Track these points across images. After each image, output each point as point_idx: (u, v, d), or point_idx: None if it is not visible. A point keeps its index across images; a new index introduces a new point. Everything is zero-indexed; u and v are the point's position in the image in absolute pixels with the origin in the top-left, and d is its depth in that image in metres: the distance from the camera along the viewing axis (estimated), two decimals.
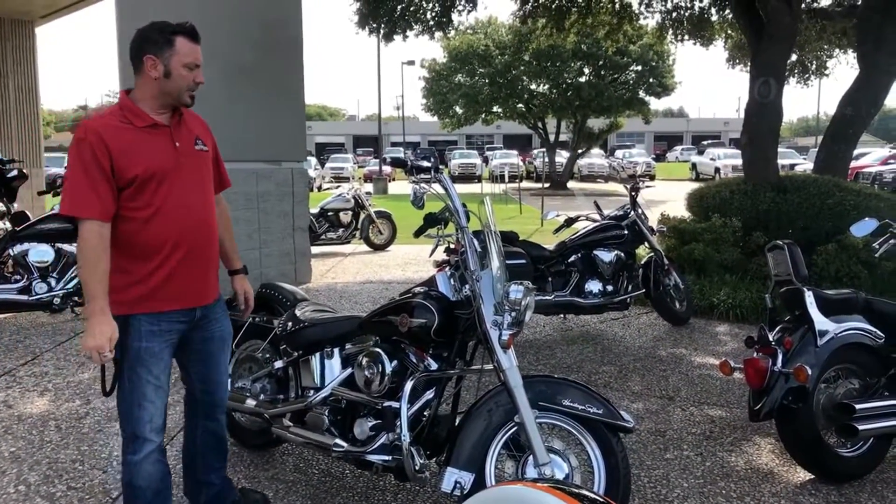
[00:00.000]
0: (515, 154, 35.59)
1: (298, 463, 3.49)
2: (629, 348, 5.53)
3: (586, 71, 26.25)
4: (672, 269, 6.07)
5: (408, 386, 2.73)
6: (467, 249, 2.71)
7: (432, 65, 29.50)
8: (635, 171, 31.59)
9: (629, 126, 35.42)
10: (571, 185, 28.12)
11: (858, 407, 3.19)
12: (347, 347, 3.12)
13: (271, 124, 7.36)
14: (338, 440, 2.88)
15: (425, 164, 2.89)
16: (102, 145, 2.28)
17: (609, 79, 26.31)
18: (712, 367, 4.97)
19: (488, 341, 2.62)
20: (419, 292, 2.85)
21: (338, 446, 2.86)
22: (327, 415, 3.02)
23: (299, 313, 3.27)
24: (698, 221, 7.46)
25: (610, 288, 5.71)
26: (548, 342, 5.72)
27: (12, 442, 3.71)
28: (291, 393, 3.27)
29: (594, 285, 5.67)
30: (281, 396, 3.31)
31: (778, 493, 3.21)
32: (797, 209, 6.91)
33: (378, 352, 2.87)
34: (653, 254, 6.04)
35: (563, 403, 2.61)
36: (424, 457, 2.74)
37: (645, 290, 5.91)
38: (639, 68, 26.27)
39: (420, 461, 2.69)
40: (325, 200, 10.66)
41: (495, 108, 28.83)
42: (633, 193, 6.17)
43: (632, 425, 2.64)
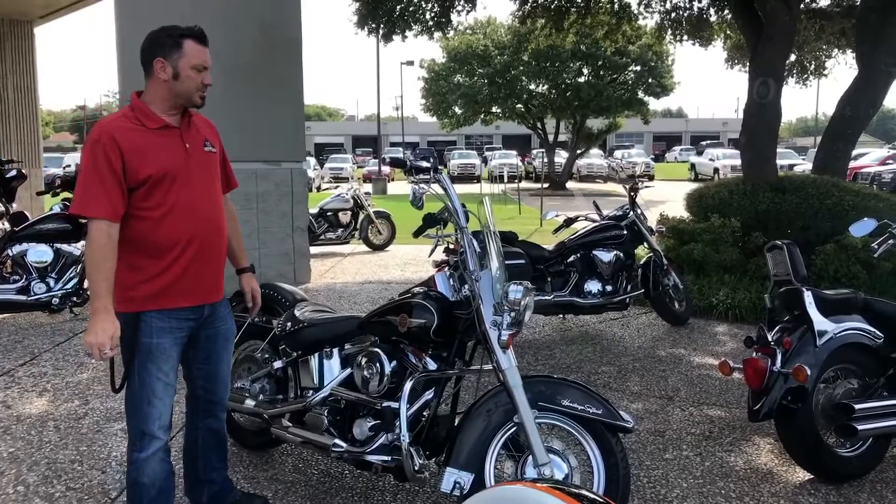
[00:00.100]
0: (514, 154, 35.55)
1: (297, 463, 3.49)
2: (628, 348, 5.53)
3: (585, 71, 26.23)
4: (671, 269, 6.07)
5: (407, 386, 2.73)
6: (466, 250, 2.71)
7: (431, 65, 29.48)
8: (634, 172, 31.61)
9: (628, 126, 35.42)
10: (570, 185, 28.13)
11: (857, 407, 3.20)
12: (347, 348, 3.12)
13: (270, 124, 7.36)
14: (337, 440, 2.88)
15: (424, 165, 2.89)
16: (115, 146, 2.33)
17: (608, 79, 26.30)
18: (711, 368, 4.97)
19: (487, 341, 2.62)
20: (418, 292, 2.85)
21: (337, 446, 2.86)
22: (326, 415, 3.02)
23: (298, 313, 3.28)
24: (697, 221, 7.46)
25: (609, 288, 5.71)
26: (547, 342, 5.72)
27: (11, 442, 3.70)
28: (290, 393, 3.27)
29: (593, 285, 5.68)
30: (280, 397, 3.32)
31: (777, 493, 3.21)
32: (796, 209, 6.91)
33: (377, 352, 2.87)
34: (652, 254, 6.05)
35: (563, 403, 2.61)
36: (424, 457, 2.74)
37: (644, 291, 5.92)
38: (638, 69, 26.24)
39: (419, 461, 2.69)
40: (325, 201, 10.65)
41: (494, 109, 28.81)
42: (632, 194, 6.18)
43: (631, 425, 2.64)
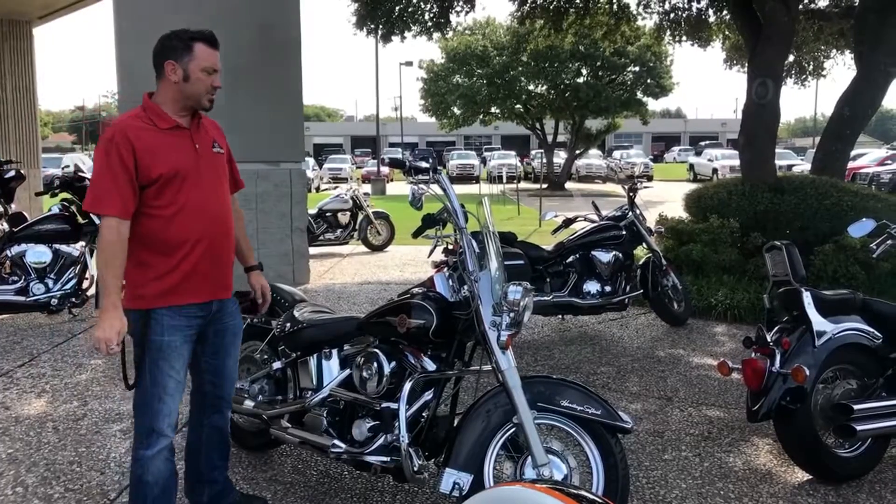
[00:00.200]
0: (513, 155, 35.55)
1: (297, 464, 3.49)
2: (627, 349, 5.54)
3: (584, 72, 26.22)
4: (670, 269, 6.07)
5: (406, 387, 2.73)
6: (466, 250, 2.71)
7: (430, 66, 29.47)
8: (633, 172, 31.46)
9: (627, 127, 35.43)
10: (569, 185, 28.12)
11: (856, 407, 3.20)
12: (346, 348, 3.12)
13: (270, 125, 7.36)
14: (336, 441, 2.88)
15: (424, 165, 2.88)
16: (128, 144, 2.39)
17: (607, 79, 26.30)
18: (710, 368, 4.97)
19: (487, 342, 2.62)
20: (417, 293, 2.85)
21: (336, 447, 2.85)
22: (326, 416, 3.02)
23: (297, 314, 3.28)
24: (696, 222, 7.46)
25: (608, 288, 5.71)
26: (546, 343, 5.72)
27: (10, 443, 3.70)
28: (290, 394, 3.27)
29: (592, 286, 5.68)
30: (279, 397, 3.31)
31: (776, 494, 3.21)
32: (795, 210, 6.92)
33: (376, 353, 2.87)
34: (651, 254, 6.05)
35: (562, 404, 2.61)
36: (423, 458, 2.74)
37: (643, 291, 5.91)
38: (636, 69, 26.25)
39: (418, 462, 2.69)
40: (324, 201, 10.64)
41: (493, 109, 28.80)
42: (630, 194, 6.18)
43: (630, 426, 2.64)
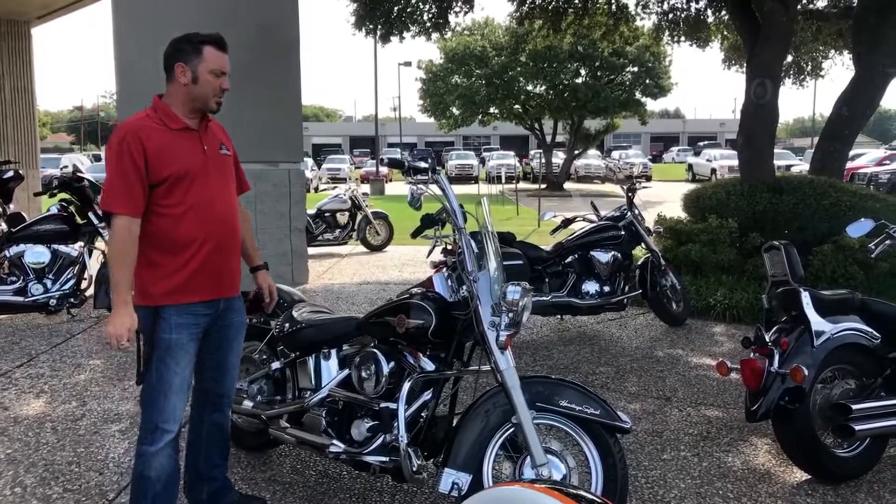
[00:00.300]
0: (512, 155, 35.56)
1: (296, 464, 3.49)
2: (626, 349, 5.54)
3: (583, 72, 26.22)
4: (669, 269, 6.08)
5: (405, 387, 2.73)
6: (464, 250, 2.72)
7: (429, 66, 29.45)
8: (632, 172, 31.54)
9: (626, 127, 35.45)
10: (568, 185, 28.15)
11: (855, 407, 3.20)
12: (345, 348, 3.12)
13: (268, 125, 7.36)
14: (335, 441, 2.88)
15: (422, 165, 2.88)
16: (139, 144, 2.44)
17: (605, 80, 26.32)
18: (709, 368, 4.98)
19: (485, 342, 2.62)
20: (416, 293, 2.85)
21: (335, 447, 2.86)
22: (324, 416, 3.02)
23: (296, 314, 3.28)
24: (695, 222, 7.46)
25: (607, 289, 5.72)
26: (545, 343, 5.72)
27: (8, 444, 3.69)
28: (289, 394, 3.27)
29: (591, 286, 5.68)
30: (278, 397, 3.31)
31: (775, 494, 3.21)
32: (793, 210, 6.92)
33: (375, 353, 2.87)
34: (649, 254, 6.05)
35: (561, 404, 2.61)
36: (422, 458, 2.74)
37: (642, 291, 5.92)
38: (635, 69, 26.27)
39: (417, 462, 2.69)
40: (322, 201, 10.64)
41: (492, 109, 28.79)
42: (629, 194, 6.18)
43: (629, 426, 2.64)
